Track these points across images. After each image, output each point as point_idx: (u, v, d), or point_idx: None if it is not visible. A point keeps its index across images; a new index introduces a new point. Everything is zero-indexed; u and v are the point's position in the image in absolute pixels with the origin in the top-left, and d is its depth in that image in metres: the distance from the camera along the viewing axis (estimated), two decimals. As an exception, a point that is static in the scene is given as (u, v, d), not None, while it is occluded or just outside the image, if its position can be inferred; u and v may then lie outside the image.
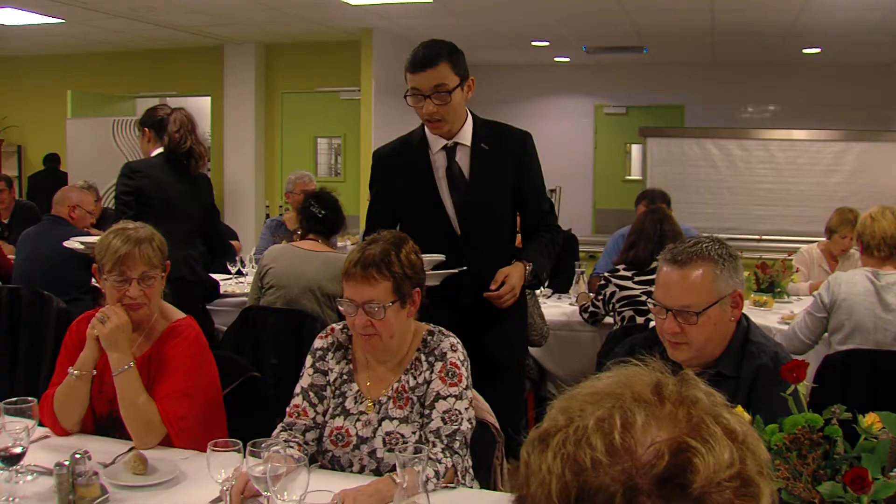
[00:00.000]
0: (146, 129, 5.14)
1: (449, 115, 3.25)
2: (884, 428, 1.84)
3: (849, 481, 1.72)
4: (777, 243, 9.23)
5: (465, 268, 3.25)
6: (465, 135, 3.35)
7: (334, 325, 2.86)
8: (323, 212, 4.94)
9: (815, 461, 1.80)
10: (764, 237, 9.79)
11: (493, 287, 3.23)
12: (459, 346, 2.73)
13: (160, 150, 4.94)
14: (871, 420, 1.85)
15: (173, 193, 4.78)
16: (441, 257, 3.25)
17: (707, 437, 0.91)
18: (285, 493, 2.07)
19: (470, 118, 3.37)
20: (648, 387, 0.97)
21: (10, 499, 2.30)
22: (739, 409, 1.90)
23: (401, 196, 3.44)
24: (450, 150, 3.35)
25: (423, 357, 2.70)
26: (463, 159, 3.35)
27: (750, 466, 0.92)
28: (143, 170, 4.83)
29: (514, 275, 3.27)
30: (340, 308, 2.65)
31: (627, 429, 0.92)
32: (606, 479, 0.89)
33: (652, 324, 4.38)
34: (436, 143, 3.37)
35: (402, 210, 3.45)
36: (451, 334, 2.77)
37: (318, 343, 2.82)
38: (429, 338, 2.73)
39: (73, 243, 4.50)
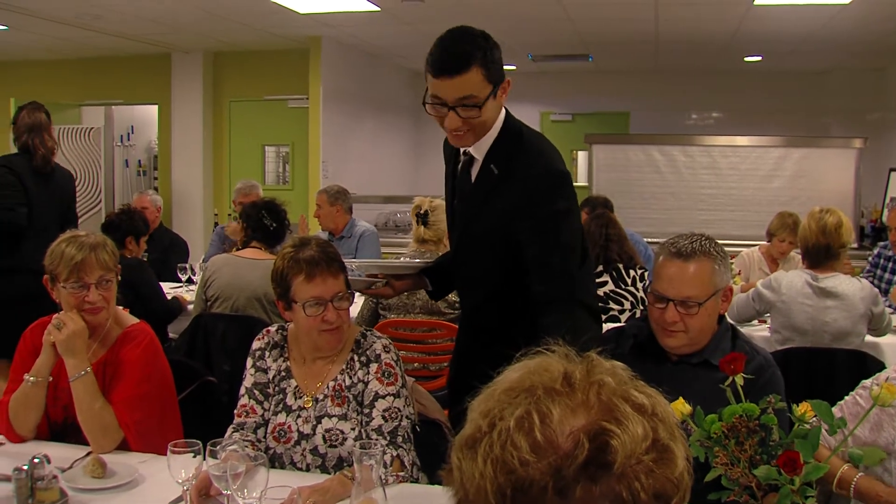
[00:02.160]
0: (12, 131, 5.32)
1: (477, 128, 2.61)
2: (815, 416, 1.94)
3: (782, 464, 1.82)
4: (720, 247, 9.32)
5: (417, 261, 3.15)
6: (481, 147, 2.68)
7: (269, 327, 2.95)
8: (274, 224, 4.98)
9: (752, 448, 1.89)
10: (708, 241, 9.87)
11: None
12: (392, 347, 2.83)
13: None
14: (804, 408, 1.95)
15: (36, 183, 5.08)
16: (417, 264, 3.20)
17: (619, 416, 0.99)
18: (245, 491, 2.12)
19: (497, 125, 2.68)
20: (558, 377, 1.04)
21: (-33, 504, 2.32)
22: (681, 401, 1.99)
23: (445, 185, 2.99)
24: (466, 161, 2.77)
25: (356, 357, 2.79)
26: (474, 175, 2.75)
27: (662, 434, 1.00)
28: (9, 163, 5.10)
29: None
30: (306, 311, 2.69)
31: (546, 423, 0.98)
32: (536, 474, 0.96)
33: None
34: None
35: None
36: (383, 336, 2.87)
37: (255, 344, 2.91)
38: (361, 339, 2.83)
39: None
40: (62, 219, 5.11)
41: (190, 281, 6.23)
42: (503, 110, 2.70)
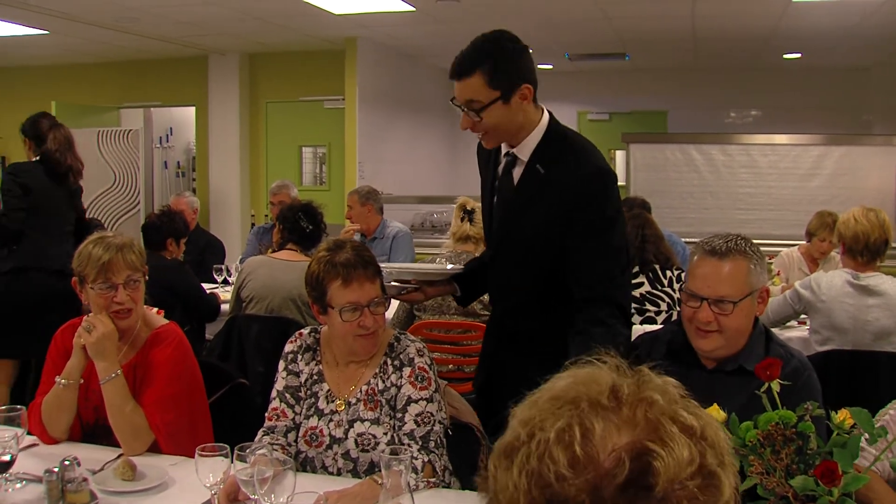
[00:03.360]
0: (26, 140, 5.44)
1: (490, 130, 2.69)
2: (855, 424, 1.89)
3: (819, 475, 1.77)
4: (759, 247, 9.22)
5: (449, 267, 3.11)
6: (526, 148, 2.72)
7: (302, 330, 2.92)
8: (311, 227, 4.98)
9: (789, 456, 1.84)
10: (746, 241, 9.77)
11: None
12: (426, 351, 2.79)
13: (37, 158, 5.33)
14: (842, 416, 1.90)
15: (54, 194, 5.28)
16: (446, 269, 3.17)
17: (665, 438, 0.94)
18: (272, 496, 2.11)
19: (540, 128, 2.73)
20: (605, 390, 0.99)
21: (0, 506, 2.33)
22: (715, 407, 1.95)
23: (481, 190, 3.01)
24: (508, 162, 2.79)
25: (389, 361, 2.75)
26: (517, 176, 2.77)
27: (710, 460, 0.95)
28: (29, 171, 5.27)
29: None
30: (342, 317, 2.66)
31: (588, 438, 0.94)
32: (572, 491, 0.92)
33: (636, 328, 4.46)
34: (504, 147, 2.82)
35: None
36: (416, 339, 2.83)
37: (288, 347, 2.88)
38: (395, 343, 2.79)
39: None
40: (73, 224, 5.39)
41: (226, 282, 6.25)
42: (545, 113, 2.76)
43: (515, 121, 2.67)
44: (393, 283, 3.06)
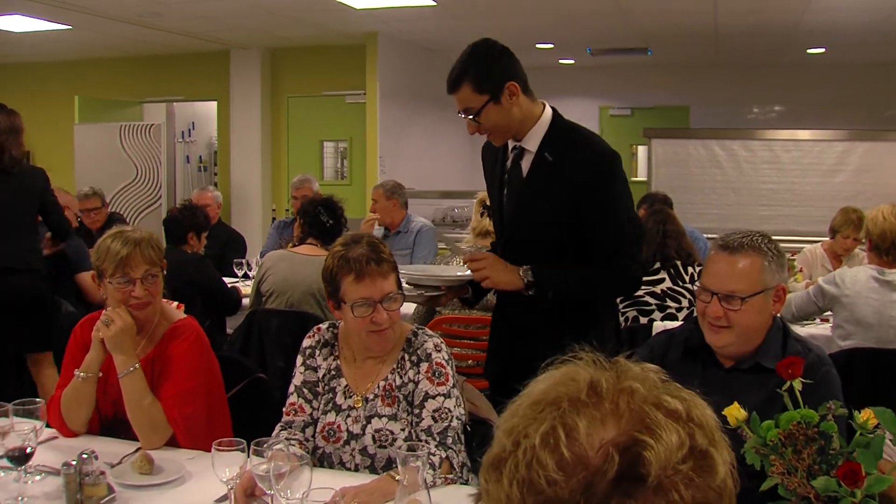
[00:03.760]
0: None
1: (493, 129, 2.93)
2: (879, 424, 1.86)
3: (842, 476, 1.74)
4: (782, 243, 9.15)
5: (467, 273, 3.07)
6: (533, 139, 2.93)
7: (320, 325, 2.91)
8: (331, 221, 4.98)
9: (811, 456, 1.82)
10: (768, 238, 9.72)
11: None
12: (443, 346, 2.77)
13: None
14: (866, 416, 1.87)
15: None
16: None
17: (651, 425, 0.92)
18: (289, 491, 2.10)
19: (545, 120, 2.94)
20: (584, 387, 0.97)
21: (20, 498, 2.34)
22: (735, 406, 1.92)
23: (487, 188, 3.27)
24: (516, 154, 2.99)
25: (406, 356, 2.74)
26: (526, 166, 2.97)
27: (699, 440, 0.93)
28: None
29: (497, 264, 2.95)
30: (354, 312, 2.65)
31: (573, 438, 0.92)
32: (566, 493, 0.90)
33: (657, 325, 4.43)
34: (511, 142, 3.03)
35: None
36: (434, 334, 2.82)
37: (306, 342, 2.88)
38: (412, 338, 2.78)
39: None
40: (27, 217, 5.02)
41: (246, 276, 6.28)
42: (547, 108, 2.98)
43: (513, 117, 2.88)
44: (415, 293, 3.11)
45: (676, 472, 0.90)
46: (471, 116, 2.87)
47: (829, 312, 4.55)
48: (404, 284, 2.93)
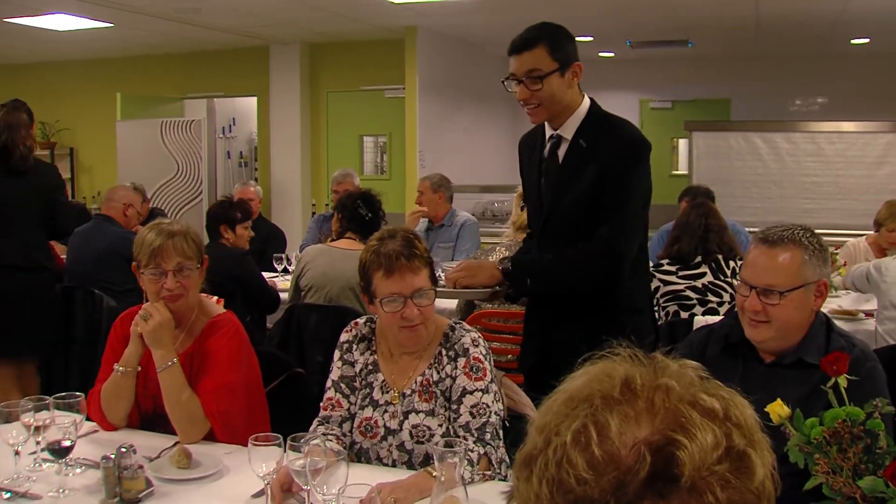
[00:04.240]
0: None
1: (545, 101, 2.99)
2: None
3: (890, 476, 1.70)
4: (826, 237, 9.03)
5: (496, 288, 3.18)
6: (570, 128, 3.06)
7: (358, 319, 2.90)
8: (370, 215, 4.98)
9: (856, 455, 1.77)
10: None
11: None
12: (481, 341, 2.75)
13: None
14: (913, 413, 1.83)
15: (7, 184, 4.73)
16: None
17: (686, 424, 0.90)
18: (325, 487, 2.09)
19: (582, 109, 3.07)
20: (618, 384, 0.95)
21: (60, 490, 2.36)
22: (778, 402, 1.89)
23: (524, 181, 3.36)
24: (553, 143, 3.10)
25: (444, 352, 2.72)
26: (562, 153, 3.10)
27: (737, 441, 0.90)
28: None
29: (471, 267, 3.24)
30: (384, 308, 2.65)
31: (604, 436, 0.90)
32: (596, 493, 0.88)
33: (699, 319, 4.38)
34: (548, 132, 3.14)
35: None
36: (472, 329, 2.79)
37: (343, 337, 2.87)
38: (450, 332, 2.75)
39: None
40: (42, 215, 4.92)
41: (286, 271, 6.30)
42: (586, 98, 3.11)
43: (566, 96, 3.02)
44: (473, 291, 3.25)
45: (711, 473, 0.88)
46: (536, 77, 2.95)
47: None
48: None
